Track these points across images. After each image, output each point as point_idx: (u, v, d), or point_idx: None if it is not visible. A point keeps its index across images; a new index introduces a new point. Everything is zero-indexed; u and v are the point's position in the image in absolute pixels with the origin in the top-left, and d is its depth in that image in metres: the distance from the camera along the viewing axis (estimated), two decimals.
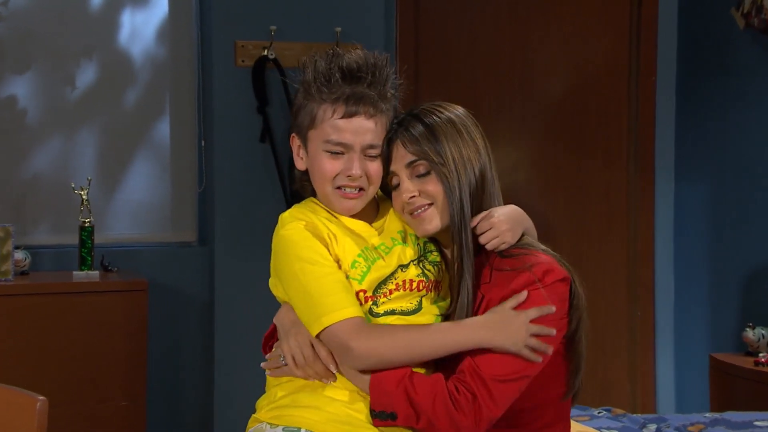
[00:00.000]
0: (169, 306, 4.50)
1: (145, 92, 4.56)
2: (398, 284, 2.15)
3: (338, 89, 2.13)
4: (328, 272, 2.08)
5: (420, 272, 2.19)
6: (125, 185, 4.54)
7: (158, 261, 4.50)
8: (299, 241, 2.10)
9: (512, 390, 2.06)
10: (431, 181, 2.16)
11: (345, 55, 2.15)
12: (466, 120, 2.21)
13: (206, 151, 4.54)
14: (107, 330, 4.02)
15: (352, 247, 2.14)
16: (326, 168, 2.15)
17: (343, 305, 2.05)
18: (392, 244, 2.20)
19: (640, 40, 5.05)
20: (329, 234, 2.13)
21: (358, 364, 2.04)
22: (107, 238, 4.46)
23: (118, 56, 4.52)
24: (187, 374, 4.55)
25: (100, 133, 4.50)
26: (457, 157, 2.15)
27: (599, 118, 5.07)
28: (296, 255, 2.09)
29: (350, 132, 2.14)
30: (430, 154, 2.15)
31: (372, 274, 2.14)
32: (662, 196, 5.10)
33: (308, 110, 2.16)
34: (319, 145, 2.15)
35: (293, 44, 4.40)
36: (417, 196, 2.18)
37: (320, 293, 2.06)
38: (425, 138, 2.16)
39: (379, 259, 2.16)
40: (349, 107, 2.12)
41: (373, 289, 2.13)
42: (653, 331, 5.12)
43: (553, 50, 5.00)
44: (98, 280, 4.08)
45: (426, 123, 2.17)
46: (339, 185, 2.16)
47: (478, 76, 4.92)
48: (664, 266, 5.11)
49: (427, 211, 2.18)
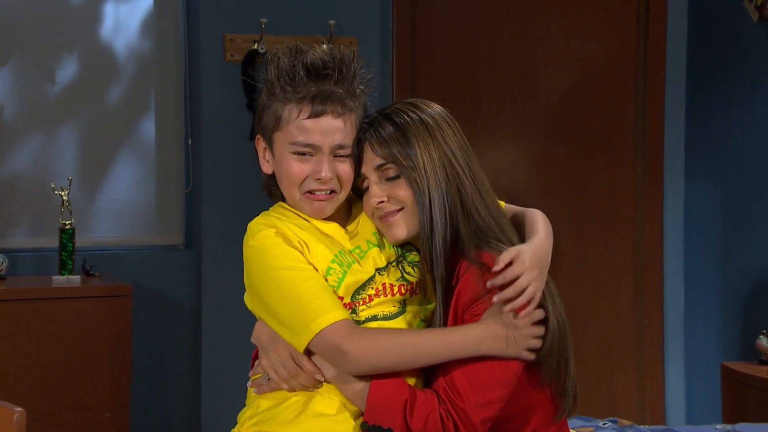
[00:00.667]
0: (154, 312, 4.50)
1: (129, 88, 4.56)
2: (378, 289, 2.15)
3: (303, 88, 2.11)
4: (308, 276, 2.06)
5: (399, 275, 2.18)
6: (108, 185, 4.54)
7: (143, 265, 4.50)
8: (272, 249, 2.09)
9: (495, 409, 2.07)
10: (401, 185, 2.15)
11: (309, 51, 2.13)
12: (441, 121, 2.18)
13: (193, 150, 4.54)
14: (89, 338, 4.01)
15: (325, 253, 2.13)
16: (294, 171, 2.14)
17: (330, 308, 2.03)
18: (367, 248, 2.19)
19: (648, 33, 5.06)
20: (300, 242, 2.12)
21: (355, 368, 2.03)
22: (89, 240, 4.46)
23: (101, 50, 4.52)
24: (172, 384, 4.55)
25: (82, 131, 4.50)
26: (427, 160, 2.13)
27: (604, 115, 5.08)
28: (270, 264, 2.07)
29: (318, 132, 2.12)
30: (400, 157, 2.14)
31: (348, 279, 2.12)
32: (671, 196, 5.11)
33: (272, 111, 2.14)
34: (286, 147, 2.14)
35: (285, 38, 4.40)
36: (386, 201, 2.16)
37: (304, 299, 2.04)
38: (395, 140, 2.14)
39: (354, 264, 2.15)
40: (316, 106, 2.11)
41: (351, 296, 2.12)
42: (661, 338, 5.13)
43: (555, 45, 5.00)
44: (79, 285, 4.08)
45: (396, 123, 2.15)
46: (308, 189, 2.15)
47: (477, 72, 4.91)
48: (673, 270, 5.12)
49: (396, 216, 2.17)
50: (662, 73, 5.07)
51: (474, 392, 2.04)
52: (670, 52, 5.07)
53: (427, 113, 2.18)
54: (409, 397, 2.04)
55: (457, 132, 2.19)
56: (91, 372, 4.01)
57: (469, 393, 2.04)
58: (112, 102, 4.54)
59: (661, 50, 5.06)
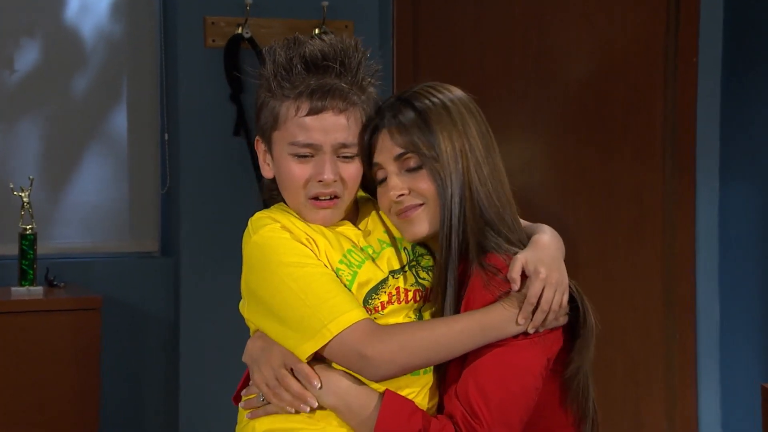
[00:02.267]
0: (127, 328, 4.50)
1: (98, 77, 4.56)
2: (391, 294, 2.16)
3: (301, 82, 2.14)
4: (322, 272, 2.08)
5: (414, 280, 2.20)
6: (74, 186, 4.54)
7: (113, 275, 4.50)
8: (279, 244, 2.10)
9: (518, 426, 2.09)
10: (422, 177, 2.17)
11: (308, 43, 2.15)
12: (463, 107, 2.21)
13: (170, 146, 4.54)
14: (53, 355, 4.01)
15: (333, 254, 2.14)
16: (294, 174, 2.15)
17: (348, 307, 2.05)
18: (380, 248, 2.20)
19: (679, 15, 5.06)
20: (308, 239, 2.13)
21: (379, 373, 2.05)
22: (53, 247, 4.46)
23: (66, 34, 4.51)
24: (147, 408, 4.54)
25: (45, 125, 4.50)
26: (450, 151, 2.15)
27: (629, 108, 5.08)
28: (279, 261, 2.08)
29: (318, 131, 2.13)
30: (422, 146, 2.15)
31: (360, 279, 2.13)
32: (704, 198, 5.12)
33: (270, 109, 2.17)
34: (284, 148, 2.16)
35: (272, 21, 4.41)
36: (407, 195, 2.18)
37: (320, 297, 2.05)
38: (416, 127, 2.17)
39: (366, 261, 2.16)
40: (315, 102, 2.13)
41: (363, 300, 2.13)
42: (694, 357, 5.13)
43: (574, 27, 5.00)
44: (42, 297, 4.07)
45: (417, 109, 2.18)
46: (312, 194, 2.15)
47: (486, 59, 4.91)
48: (707, 281, 5.13)
49: (417, 211, 2.18)
50: (695, 60, 5.08)
51: (493, 412, 2.04)
52: (703, 35, 5.08)
53: (449, 97, 2.21)
54: (422, 427, 2.03)
55: (480, 120, 2.21)
56: (55, 395, 3.99)
57: (488, 414, 2.04)
58: (79, 92, 4.54)
59: (693, 34, 5.07)
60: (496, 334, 2.05)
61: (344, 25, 4.50)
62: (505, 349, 2.07)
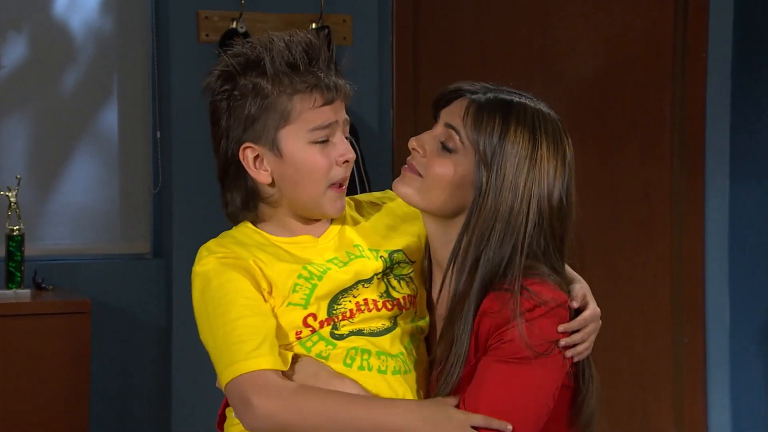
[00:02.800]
0: (117, 332, 4.50)
1: (87, 73, 4.56)
2: (359, 304, 2.18)
3: (310, 75, 2.19)
4: (247, 313, 2.11)
5: (384, 290, 2.22)
6: (63, 185, 4.53)
7: (103, 277, 4.50)
8: (213, 279, 2.16)
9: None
10: (446, 161, 2.17)
11: (291, 38, 2.21)
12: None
13: (162, 145, 4.54)
14: (41, 361, 4.00)
15: (289, 270, 2.17)
16: (319, 161, 2.20)
17: (257, 354, 2.08)
18: (348, 258, 2.23)
19: (688, 9, 5.08)
20: (255, 260, 2.17)
21: (256, 424, 2.07)
22: (41, 249, 4.45)
23: (54, 29, 4.51)
24: (138, 414, 4.54)
25: (33, 123, 4.50)
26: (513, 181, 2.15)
27: (636, 104, 5.09)
28: (210, 296, 2.15)
29: (331, 111, 2.20)
30: (482, 145, 2.15)
31: (320, 291, 2.16)
32: (714, 199, 5.13)
33: (277, 108, 2.18)
34: (302, 137, 2.19)
35: (268, 15, 4.42)
36: (419, 155, 2.21)
37: (233, 339, 2.10)
38: (491, 127, 2.17)
39: (330, 271, 2.19)
40: (328, 93, 2.20)
41: (328, 309, 2.16)
42: (704, 363, 5.14)
43: (579, 21, 5.02)
44: (29, 301, 4.07)
45: (508, 119, 2.19)
46: (338, 179, 2.21)
47: (488, 53, 4.92)
48: (717, 283, 5.13)
49: (412, 174, 2.22)
50: (704, 55, 5.09)
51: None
52: (712, 30, 5.09)
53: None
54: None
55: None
56: (43, 402, 3.99)
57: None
58: (68, 89, 4.54)
59: (702, 28, 5.09)
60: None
61: (342, 19, 4.51)
62: (520, 368, 2.07)
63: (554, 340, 2.07)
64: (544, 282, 2.10)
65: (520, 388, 2.06)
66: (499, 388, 2.05)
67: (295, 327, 2.13)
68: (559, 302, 2.09)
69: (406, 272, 2.26)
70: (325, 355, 2.13)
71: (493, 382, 2.06)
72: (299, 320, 2.14)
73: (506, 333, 2.06)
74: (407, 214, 2.32)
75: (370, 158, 4.46)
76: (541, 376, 2.07)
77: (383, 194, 2.39)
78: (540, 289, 2.08)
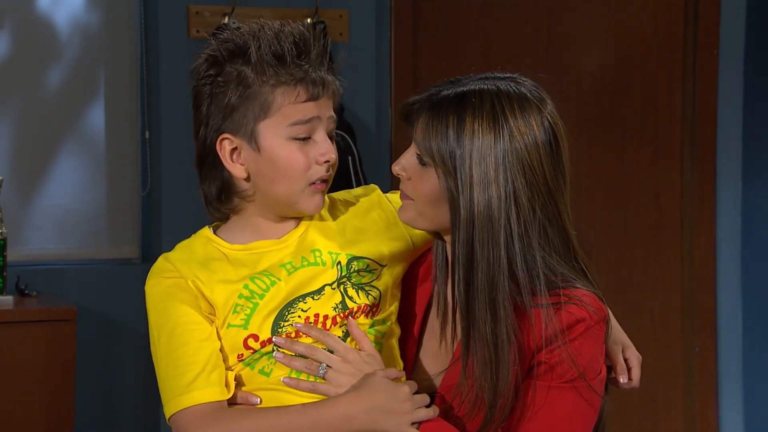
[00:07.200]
0: (104, 340, 4.50)
1: (73, 70, 4.56)
2: (308, 318, 2.17)
3: (296, 68, 2.18)
4: (184, 341, 2.15)
5: (340, 300, 2.19)
6: (47, 188, 4.54)
7: (90, 283, 4.50)
8: (156, 303, 2.21)
9: None
10: (426, 177, 2.15)
11: (284, 27, 2.20)
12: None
13: (151, 146, 4.55)
14: (25, 370, 4.00)
15: (231, 288, 2.18)
16: (298, 160, 2.18)
17: (195, 386, 2.13)
18: (300, 264, 2.20)
19: (699, 4, 5.09)
20: (195, 281, 2.19)
21: None
22: (24, 254, 4.46)
23: (39, 24, 4.51)
24: (125, 424, 4.54)
25: (16, 122, 4.50)
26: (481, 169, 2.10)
27: (646, 103, 5.11)
28: (155, 321, 2.20)
29: (314, 108, 2.18)
30: (443, 156, 2.12)
31: (262, 310, 2.16)
32: (726, 200, 5.15)
33: (258, 99, 2.18)
34: (282, 132, 2.18)
35: (261, 10, 4.41)
36: (406, 180, 2.18)
37: (172, 371, 2.15)
38: (444, 133, 2.13)
39: (276, 284, 2.18)
40: (313, 88, 2.18)
41: (272, 328, 2.16)
42: (716, 372, 5.16)
43: (588, 15, 5.03)
44: (12, 308, 4.05)
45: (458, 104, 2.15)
46: (312, 180, 2.19)
47: (492, 48, 4.93)
48: (729, 290, 5.15)
49: (407, 200, 2.19)
50: (716, 52, 5.11)
51: None
52: (724, 26, 5.11)
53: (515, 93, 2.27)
54: None
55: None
56: (26, 412, 3.99)
57: None
58: (53, 87, 4.54)
59: (714, 24, 5.11)
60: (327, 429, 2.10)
61: (338, 14, 4.52)
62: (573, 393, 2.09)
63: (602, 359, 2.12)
64: (577, 290, 2.10)
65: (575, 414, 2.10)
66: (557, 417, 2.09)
67: (236, 349, 2.14)
68: (601, 317, 2.12)
69: (366, 281, 2.22)
70: (268, 371, 2.15)
71: (555, 410, 2.08)
72: (239, 342, 2.14)
73: (552, 355, 2.06)
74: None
75: (368, 158, 4.45)
76: (591, 396, 2.11)
77: (364, 190, 2.36)
78: (579, 300, 2.10)
